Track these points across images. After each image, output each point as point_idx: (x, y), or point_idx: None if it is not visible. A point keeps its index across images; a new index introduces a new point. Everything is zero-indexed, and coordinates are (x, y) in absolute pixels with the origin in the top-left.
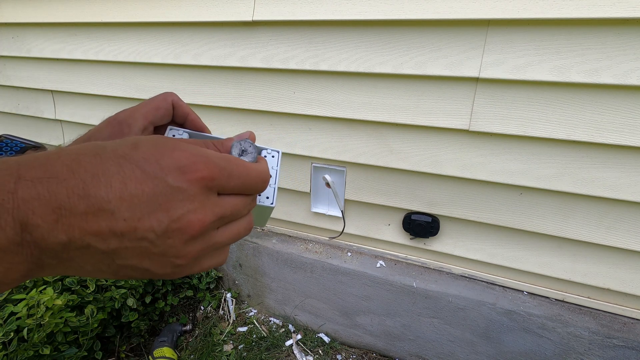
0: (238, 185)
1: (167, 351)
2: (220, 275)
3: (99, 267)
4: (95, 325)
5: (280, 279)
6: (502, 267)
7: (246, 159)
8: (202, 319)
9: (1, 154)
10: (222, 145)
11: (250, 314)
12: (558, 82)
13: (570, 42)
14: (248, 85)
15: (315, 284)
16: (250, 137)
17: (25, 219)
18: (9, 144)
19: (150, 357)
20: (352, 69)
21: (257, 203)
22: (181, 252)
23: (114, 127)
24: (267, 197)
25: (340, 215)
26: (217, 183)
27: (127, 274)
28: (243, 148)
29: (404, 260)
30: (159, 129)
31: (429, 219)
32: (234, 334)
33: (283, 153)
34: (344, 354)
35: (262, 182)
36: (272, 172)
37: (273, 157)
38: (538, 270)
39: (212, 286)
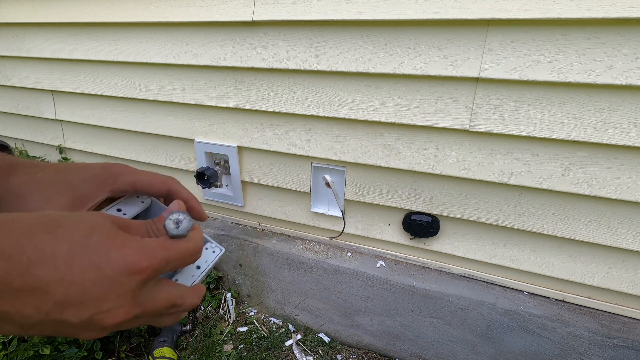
0: (174, 267)
1: (167, 351)
2: (220, 275)
3: (6, 329)
4: None
5: (280, 279)
6: (502, 267)
7: (180, 230)
8: (202, 319)
9: None
10: (156, 226)
11: (250, 314)
12: (558, 82)
13: (570, 42)
14: (248, 85)
15: (315, 284)
16: (180, 207)
17: None
18: None
19: (150, 357)
20: (352, 69)
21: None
22: (98, 334)
23: (100, 178)
24: (213, 252)
25: (340, 215)
26: (157, 273)
27: (37, 334)
28: (176, 220)
29: (404, 260)
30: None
31: (429, 219)
32: (234, 334)
33: (283, 153)
34: (344, 354)
35: (194, 255)
36: (204, 265)
37: (213, 252)
38: (538, 270)
39: (212, 286)
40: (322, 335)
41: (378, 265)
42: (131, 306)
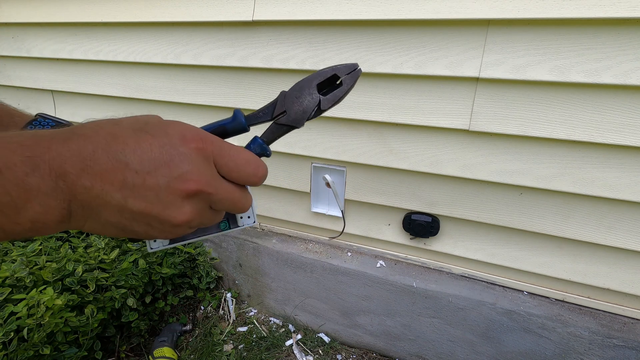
0: (230, 164)
1: (167, 351)
2: (220, 275)
3: (110, 220)
4: (95, 325)
5: (281, 279)
6: (502, 267)
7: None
8: (202, 319)
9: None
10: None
11: (251, 313)
12: (558, 82)
13: (570, 42)
14: (248, 85)
15: (315, 283)
16: None
17: (59, 168)
18: (41, 122)
19: (150, 357)
20: None
21: (238, 226)
22: (180, 210)
23: None
24: (248, 217)
25: (340, 215)
26: (211, 154)
27: (132, 230)
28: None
29: (404, 260)
30: None
31: (429, 219)
32: (234, 334)
33: (283, 153)
34: (344, 354)
35: (253, 169)
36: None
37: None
38: (538, 270)
39: (212, 286)
40: (322, 335)
41: (378, 265)
42: (199, 171)
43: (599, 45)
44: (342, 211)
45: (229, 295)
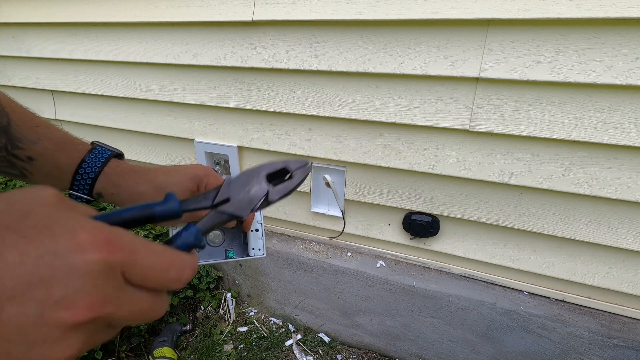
0: (146, 272)
1: (167, 351)
2: (220, 275)
3: None
4: None
5: (281, 279)
6: (502, 267)
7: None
8: (202, 319)
9: (91, 161)
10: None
11: (251, 313)
12: (558, 82)
13: (570, 42)
14: (248, 85)
15: (315, 283)
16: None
17: None
18: (100, 151)
19: (150, 357)
20: (352, 69)
21: (250, 256)
22: (59, 345)
23: (199, 177)
24: (259, 249)
25: (340, 215)
26: (119, 262)
27: None
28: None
29: (404, 260)
30: None
31: (429, 219)
32: (234, 334)
33: (283, 153)
34: (344, 354)
35: (176, 274)
36: (259, 226)
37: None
38: (538, 270)
39: (212, 286)
40: (322, 335)
41: (378, 265)
42: (96, 290)
43: (599, 45)
44: (342, 211)
45: (229, 295)
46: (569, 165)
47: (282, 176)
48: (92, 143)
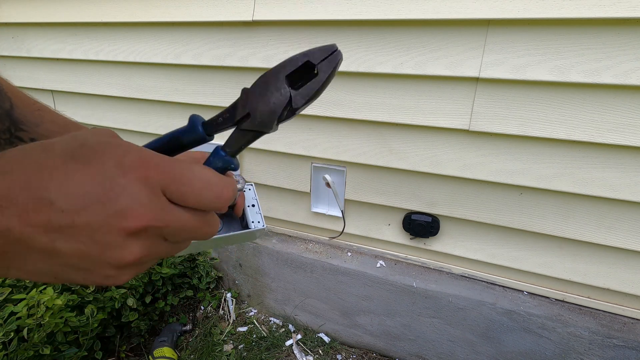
0: (185, 190)
1: (167, 351)
2: (220, 275)
3: (39, 268)
4: (95, 325)
5: (280, 279)
6: (502, 267)
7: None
8: (202, 319)
9: None
10: None
11: (251, 313)
12: (558, 82)
13: (570, 42)
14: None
15: (315, 283)
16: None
17: None
18: None
19: (150, 357)
20: (352, 68)
21: (250, 229)
22: (124, 249)
23: None
24: (259, 222)
25: (340, 215)
26: (159, 181)
27: (68, 277)
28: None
29: (404, 260)
30: None
31: (429, 219)
32: (234, 334)
33: (283, 153)
34: (344, 354)
35: (216, 192)
36: (255, 202)
37: (249, 189)
38: (538, 270)
39: (212, 286)
40: (322, 335)
41: (378, 265)
42: (144, 204)
43: (599, 45)
44: (342, 211)
45: (229, 295)
46: (569, 165)
47: (307, 73)
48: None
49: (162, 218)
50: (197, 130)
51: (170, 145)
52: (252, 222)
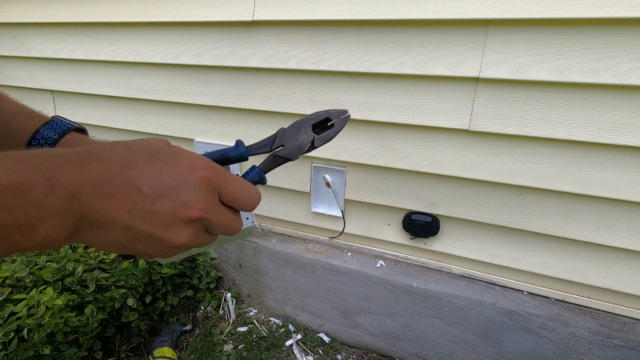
0: (233, 194)
1: (167, 351)
2: (220, 275)
3: (113, 239)
4: (95, 325)
5: (280, 279)
6: (502, 267)
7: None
8: (202, 319)
9: (47, 132)
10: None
11: (251, 313)
12: (558, 82)
13: (570, 42)
14: (248, 85)
15: (315, 283)
16: None
17: (75, 190)
18: (58, 124)
19: (150, 357)
20: (352, 69)
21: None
22: (179, 233)
23: None
24: (247, 218)
25: (340, 215)
26: (216, 184)
27: (133, 248)
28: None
29: (404, 260)
30: None
31: (429, 219)
32: (234, 334)
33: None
34: (344, 354)
35: (252, 198)
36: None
37: (247, 219)
38: (538, 270)
39: (212, 286)
40: (322, 335)
41: (378, 265)
42: (204, 200)
43: (599, 45)
44: (342, 211)
45: (229, 295)
46: (569, 165)
47: (325, 124)
48: (53, 117)
49: (212, 212)
50: (241, 151)
51: (220, 159)
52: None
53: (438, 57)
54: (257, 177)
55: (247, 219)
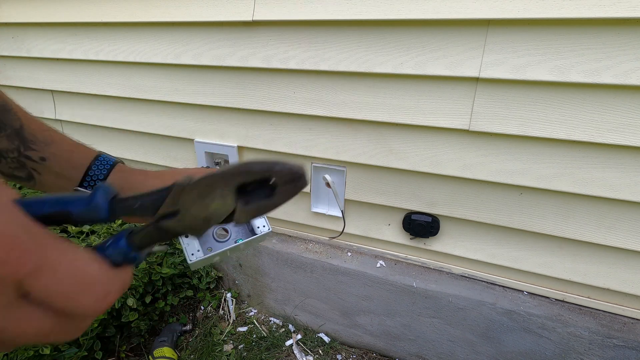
0: (53, 289)
1: (167, 351)
2: (220, 275)
3: None
4: (95, 325)
5: (280, 279)
6: (502, 267)
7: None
8: (202, 319)
9: (99, 163)
10: None
11: (251, 313)
12: (558, 82)
13: (570, 42)
14: (248, 85)
15: (315, 283)
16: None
17: None
18: (106, 157)
19: (150, 357)
20: (352, 69)
21: (255, 235)
22: None
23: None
24: (264, 226)
25: (340, 215)
26: (14, 270)
27: None
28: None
29: (404, 260)
30: None
31: (429, 219)
32: (234, 334)
33: (283, 153)
34: (344, 354)
35: (93, 300)
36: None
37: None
38: (538, 270)
39: (212, 286)
40: (322, 335)
41: (378, 265)
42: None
43: (599, 45)
44: (342, 211)
45: (229, 295)
46: (569, 165)
47: (262, 187)
48: (99, 153)
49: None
50: (99, 208)
51: (56, 215)
52: (258, 227)
53: (438, 57)
54: (120, 257)
55: (264, 226)
